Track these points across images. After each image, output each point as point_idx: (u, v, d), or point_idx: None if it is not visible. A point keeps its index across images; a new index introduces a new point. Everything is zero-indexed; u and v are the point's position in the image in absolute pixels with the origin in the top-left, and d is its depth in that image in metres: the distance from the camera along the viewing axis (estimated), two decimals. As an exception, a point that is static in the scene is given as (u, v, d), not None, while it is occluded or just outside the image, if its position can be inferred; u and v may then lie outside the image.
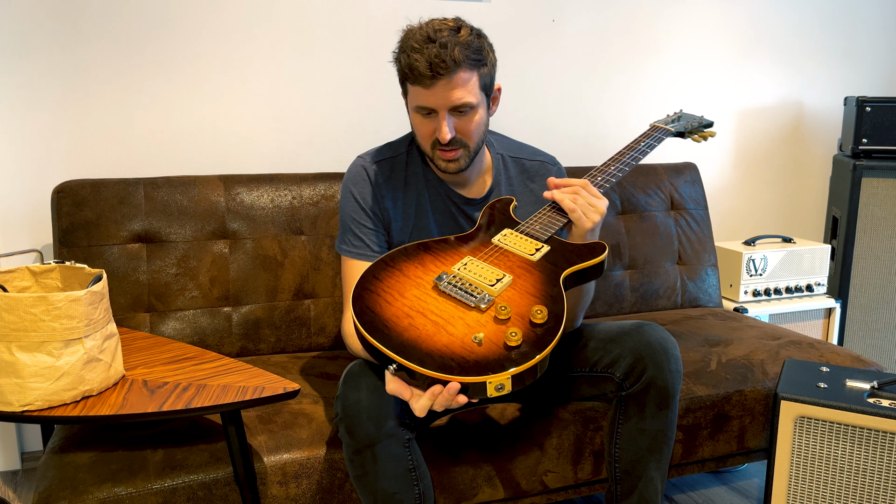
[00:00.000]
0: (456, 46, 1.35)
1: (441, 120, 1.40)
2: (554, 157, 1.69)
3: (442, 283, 1.28)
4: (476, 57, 1.39)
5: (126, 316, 1.79)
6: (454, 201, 1.58)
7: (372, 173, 1.55)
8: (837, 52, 2.85)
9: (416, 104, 1.42)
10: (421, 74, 1.35)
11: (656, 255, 2.30)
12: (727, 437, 1.77)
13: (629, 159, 1.59)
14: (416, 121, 1.46)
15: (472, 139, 1.45)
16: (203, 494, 1.36)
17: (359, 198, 1.54)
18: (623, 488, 1.50)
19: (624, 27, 2.52)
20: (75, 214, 1.79)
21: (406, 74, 1.39)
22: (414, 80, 1.38)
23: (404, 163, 1.58)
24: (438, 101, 1.38)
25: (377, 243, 1.54)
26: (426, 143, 1.47)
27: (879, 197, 2.56)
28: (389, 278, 1.31)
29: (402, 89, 1.48)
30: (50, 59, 1.93)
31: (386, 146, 1.61)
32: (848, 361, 1.89)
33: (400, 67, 1.41)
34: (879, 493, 1.55)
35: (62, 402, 1.22)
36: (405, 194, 1.56)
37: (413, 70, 1.36)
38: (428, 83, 1.36)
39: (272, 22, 2.11)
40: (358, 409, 1.28)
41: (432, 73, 1.35)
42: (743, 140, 2.79)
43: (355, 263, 1.53)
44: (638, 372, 1.43)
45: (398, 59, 1.41)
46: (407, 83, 1.43)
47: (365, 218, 1.53)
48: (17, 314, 1.17)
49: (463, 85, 1.38)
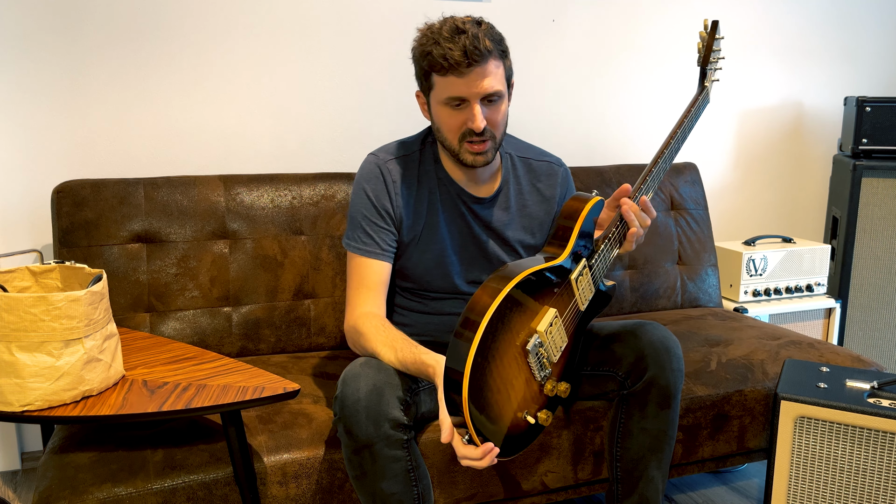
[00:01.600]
0: (486, 37, 1.40)
1: (474, 109, 1.41)
2: (560, 159, 1.69)
3: (529, 347, 1.31)
4: (502, 47, 1.44)
5: (126, 316, 1.79)
6: (464, 200, 1.58)
7: (386, 171, 1.54)
8: (837, 52, 2.85)
9: (447, 95, 1.42)
10: (457, 62, 1.37)
11: (656, 255, 2.30)
12: (727, 437, 1.77)
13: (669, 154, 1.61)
14: (445, 114, 1.45)
15: (498, 130, 1.47)
16: (203, 494, 1.36)
17: (371, 196, 1.53)
18: (624, 488, 1.50)
19: (624, 27, 2.52)
20: (75, 214, 1.79)
21: (438, 65, 1.39)
22: (448, 70, 1.39)
23: (417, 161, 1.57)
24: (472, 90, 1.40)
25: (387, 242, 1.53)
26: (454, 136, 1.46)
27: (879, 197, 2.56)
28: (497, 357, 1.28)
29: (425, 84, 1.47)
30: (50, 58, 1.93)
31: (399, 144, 1.60)
32: (848, 361, 1.89)
33: (429, 60, 1.41)
34: (879, 493, 1.54)
35: (62, 402, 1.22)
36: (418, 192, 1.56)
37: (448, 59, 1.37)
38: (464, 71, 1.38)
39: (272, 22, 2.11)
40: (356, 410, 1.28)
41: (468, 60, 1.37)
42: (743, 140, 2.79)
43: (364, 261, 1.52)
44: (640, 371, 1.43)
45: (426, 53, 1.41)
46: (434, 75, 1.42)
47: (377, 216, 1.53)
48: (17, 314, 1.17)
49: (494, 73, 1.41)
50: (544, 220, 1.63)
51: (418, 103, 1.54)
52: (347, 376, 1.33)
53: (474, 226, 1.59)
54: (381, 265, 1.53)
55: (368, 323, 1.44)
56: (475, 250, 1.60)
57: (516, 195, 1.62)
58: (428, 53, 1.41)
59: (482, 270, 1.60)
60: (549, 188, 1.64)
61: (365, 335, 1.43)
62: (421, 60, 1.44)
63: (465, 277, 1.60)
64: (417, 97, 1.53)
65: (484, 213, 1.59)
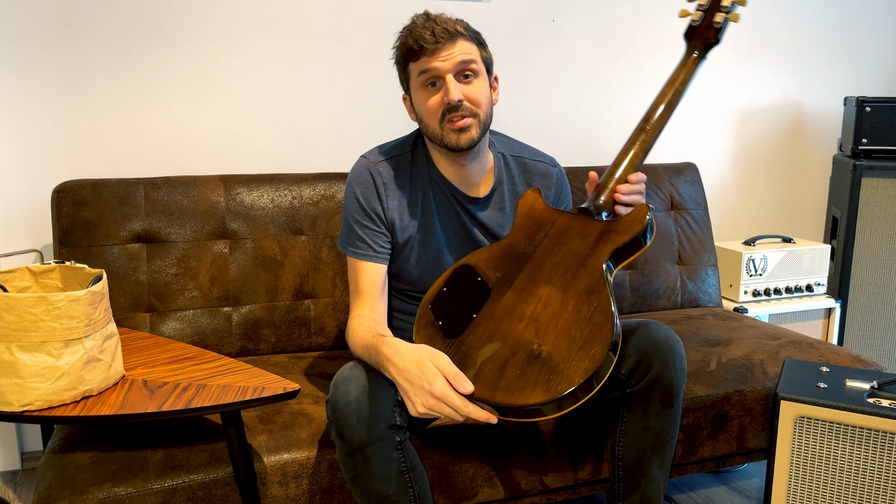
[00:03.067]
0: (457, 23, 1.46)
1: (448, 82, 1.44)
2: (554, 159, 1.69)
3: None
4: (475, 34, 1.49)
5: (126, 316, 1.79)
6: (458, 200, 1.58)
7: (376, 173, 1.55)
8: (837, 52, 2.85)
9: (420, 71, 1.45)
10: (426, 42, 1.42)
11: (656, 255, 2.30)
12: (727, 437, 1.77)
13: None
14: (422, 97, 1.48)
15: (480, 107, 1.48)
16: (203, 494, 1.36)
17: (362, 199, 1.54)
18: (625, 486, 1.50)
19: (624, 27, 2.52)
20: (75, 214, 1.79)
21: (410, 50, 1.44)
22: (420, 52, 1.43)
23: (409, 162, 1.58)
24: (444, 64, 1.43)
25: (380, 244, 1.54)
26: (434, 117, 1.47)
27: (879, 197, 2.56)
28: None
29: (403, 78, 1.52)
30: (50, 59, 1.93)
31: (391, 145, 1.61)
32: (848, 361, 1.89)
33: (402, 50, 1.47)
34: (879, 493, 1.55)
35: (62, 402, 1.22)
36: (411, 193, 1.56)
37: (418, 40, 1.42)
38: (432, 48, 1.42)
39: (272, 22, 2.11)
40: (348, 412, 1.27)
41: (436, 39, 1.42)
42: (743, 140, 2.79)
43: (359, 264, 1.54)
44: (643, 370, 1.43)
45: (401, 45, 1.47)
46: (410, 64, 1.47)
47: (367, 220, 1.54)
48: (17, 314, 1.17)
49: (466, 49, 1.45)
50: None
51: (405, 108, 1.57)
52: (338, 379, 1.33)
53: (470, 226, 1.59)
54: (376, 267, 1.54)
55: (356, 324, 1.46)
56: (471, 250, 1.60)
57: (511, 195, 1.62)
58: (402, 44, 1.47)
59: None
60: (543, 188, 1.64)
61: (350, 339, 1.45)
62: (398, 55, 1.49)
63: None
64: (404, 101, 1.56)
65: (479, 213, 1.59)
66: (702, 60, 1.57)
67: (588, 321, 1.27)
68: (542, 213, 1.50)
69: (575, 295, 1.32)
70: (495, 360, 1.26)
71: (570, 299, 1.32)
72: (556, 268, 1.38)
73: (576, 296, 1.32)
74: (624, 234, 1.40)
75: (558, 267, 1.38)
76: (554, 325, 1.29)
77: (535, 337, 1.28)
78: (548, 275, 1.37)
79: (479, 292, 1.38)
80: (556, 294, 1.34)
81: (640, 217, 1.41)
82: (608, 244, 1.39)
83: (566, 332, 1.27)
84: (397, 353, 1.27)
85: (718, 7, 1.54)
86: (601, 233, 1.41)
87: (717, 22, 1.53)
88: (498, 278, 1.39)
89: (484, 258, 1.44)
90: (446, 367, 1.23)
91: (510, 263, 1.42)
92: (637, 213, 1.42)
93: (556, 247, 1.42)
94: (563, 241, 1.43)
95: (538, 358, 1.25)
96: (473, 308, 1.36)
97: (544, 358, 1.24)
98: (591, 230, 1.42)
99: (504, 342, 1.28)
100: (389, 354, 1.28)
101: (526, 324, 1.30)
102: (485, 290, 1.38)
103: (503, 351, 1.27)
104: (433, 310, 1.37)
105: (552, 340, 1.27)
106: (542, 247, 1.43)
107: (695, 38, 1.56)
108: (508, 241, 1.47)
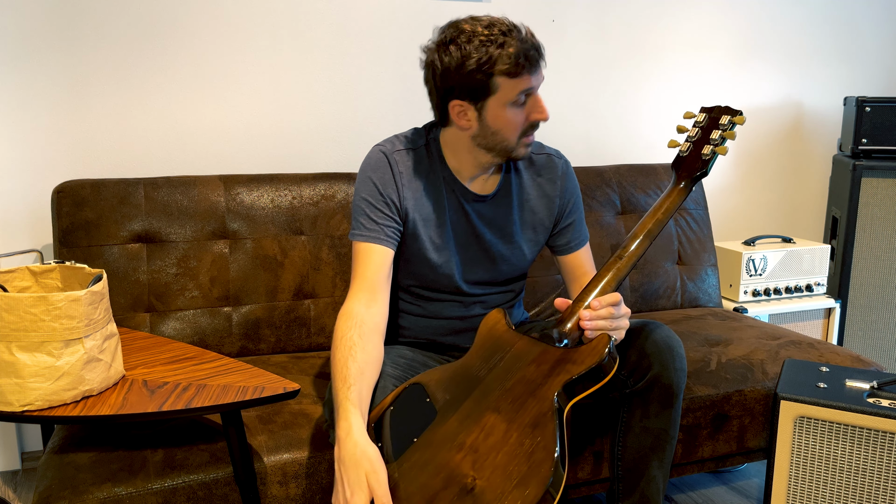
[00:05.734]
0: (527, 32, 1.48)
1: (539, 100, 1.46)
2: (559, 151, 1.68)
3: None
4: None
5: (126, 316, 1.79)
6: (466, 198, 1.57)
7: (394, 161, 1.53)
8: (837, 52, 2.85)
9: (519, 91, 1.43)
10: (535, 60, 1.42)
11: (656, 255, 2.30)
12: (727, 436, 1.77)
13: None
14: (510, 114, 1.45)
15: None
16: (203, 494, 1.36)
17: (378, 184, 1.51)
18: (625, 486, 1.50)
19: (624, 27, 2.52)
20: (75, 214, 1.79)
21: (510, 67, 1.39)
22: (524, 69, 1.41)
23: (424, 155, 1.57)
24: (539, 80, 1.46)
25: (392, 231, 1.50)
26: (516, 134, 1.47)
27: (879, 197, 2.56)
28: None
29: (480, 92, 1.43)
30: (50, 59, 1.93)
31: (402, 138, 1.58)
32: (848, 361, 1.89)
33: (495, 65, 1.40)
34: (879, 493, 1.55)
35: (62, 402, 1.22)
36: (426, 186, 1.55)
37: (528, 58, 1.41)
38: (537, 67, 1.44)
39: (272, 23, 2.11)
40: None
41: (540, 55, 1.44)
42: (743, 140, 2.79)
43: (365, 247, 1.48)
44: (643, 369, 1.43)
45: (489, 58, 1.39)
46: (499, 78, 1.41)
47: (382, 204, 1.50)
48: (17, 314, 1.17)
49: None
50: (546, 215, 1.63)
51: (452, 114, 1.48)
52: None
53: (477, 223, 1.58)
54: (383, 251, 1.48)
55: (342, 326, 1.39)
56: (477, 248, 1.59)
57: (518, 191, 1.61)
58: (490, 58, 1.39)
59: (483, 270, 1.60)
60: (549, 182, 1.63)
61: (334, 343, 1.39)
62: (477, 70, 1.40)
63: (466, 277, 1.60)
64: (452, 108, 1.47)
65: (486, 211, 1.58)
66: (688, 192, 1.51)
67: (528, 457, 1.17)
68: (502, 335, 1.40)
69: (520, 426, 1.22)
70: (424, 493, 1.18)
71: (513, 430, 1.21)
72: (505, 395, 1.28)
73: (520, 427, 1.21)
74: (580, 364, 1.27)
75: (508, 395, 1.27)
76: (493, 458, 1.19)
77: (472, 469, 1.18)
78: (496, 402, 1.27)
79: (425, 414, 1.31)
80: (500, 423, 1.23)
81: (598, 348, 1.28)
82: (562, 374, 1.27)
83: (503, 467, 1.17)
84: (347, 439, 1.22)
85: (707, 140, 1.53)
86: (556, 361, 1.30)
87: (705, 154, 1.51)
88: (446, 401, 1.30)
89: (436, 378, 1.36)
90: (376, 488, 1.17)
91: (460, 386, 1.32)
92: (596, 344, 1.29)
93: (508, 373, 1.31)
94: (516, 367, 1.32)
95: (470, 493, 1.15)
96: (415, 432, 1.28)
97: (476, 494, 1.15)
98: (547, 358, 1.31)
99: (438, 473, 1.20)
100: (341, 436, 1.23)
101: (465, 454, 1.21)
102: (431, 412, 1.30)
103: (434, 483, 1.19)
104: (375, 430, 1.30)
105: (488, 475, 1.17)
106: (495, 371, 1.33)
107: (682, 168, 1.53)
108: (464, 361, 1.38)
